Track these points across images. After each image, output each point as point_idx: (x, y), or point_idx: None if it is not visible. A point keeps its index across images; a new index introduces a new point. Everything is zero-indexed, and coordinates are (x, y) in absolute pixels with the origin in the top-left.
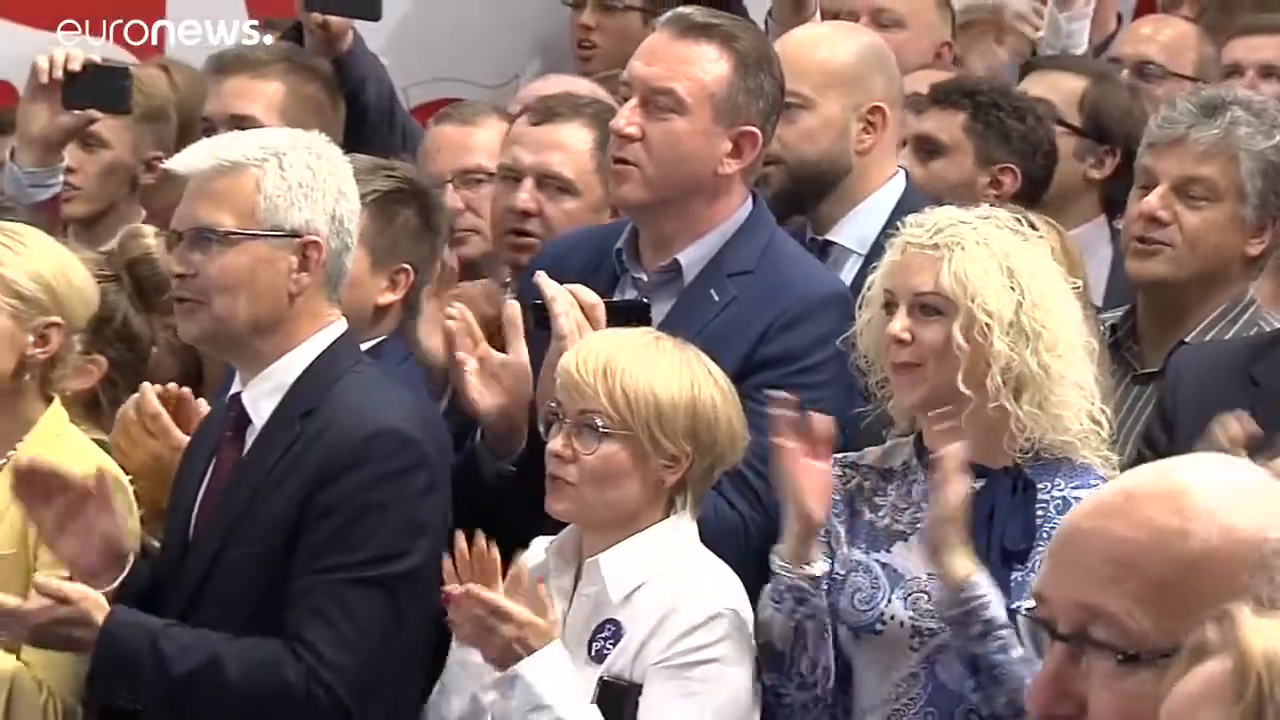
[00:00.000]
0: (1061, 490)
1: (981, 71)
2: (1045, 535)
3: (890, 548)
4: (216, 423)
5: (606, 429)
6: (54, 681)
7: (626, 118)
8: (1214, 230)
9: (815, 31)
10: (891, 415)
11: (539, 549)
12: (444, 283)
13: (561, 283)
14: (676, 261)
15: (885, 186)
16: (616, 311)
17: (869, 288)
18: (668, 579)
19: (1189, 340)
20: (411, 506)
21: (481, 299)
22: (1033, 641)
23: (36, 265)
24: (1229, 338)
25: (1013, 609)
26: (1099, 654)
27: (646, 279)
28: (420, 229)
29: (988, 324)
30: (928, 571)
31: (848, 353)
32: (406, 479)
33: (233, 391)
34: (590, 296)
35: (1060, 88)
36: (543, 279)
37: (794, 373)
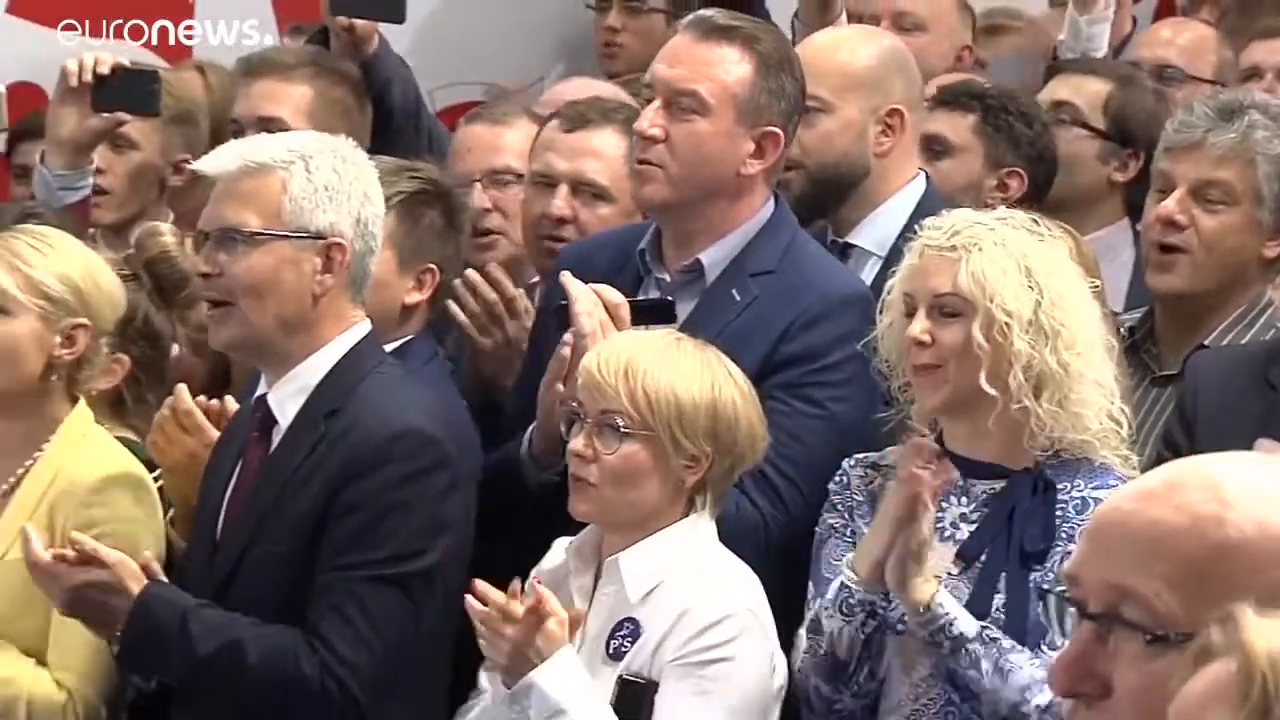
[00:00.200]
0: (1081, 491)
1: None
2: (1064, 536)
3: None
4: (243, 423)
5: (627, 429)
6: (75, 682)
7: (650, 120)
8: (1231, 234)
9: (835, 35)
10: (914, 419)
11: (560, 549)
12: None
13: (586, 283)
14: (699, 261)
15: (905, 189)
16: (641, 311)
17: (888, 292)
18: (685, 578)
19: (1207, 344)
20: (433, 506)
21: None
22: (1060, 623)
23: (64, 267)
24: (1246, 340)
25: (1044, 590)
26: (1128, 634)
27: (669, 279)
28: (445, 229)
29: (1007, 323)
30: (948, 571)
31: (870, 357)
32: (429, 479)
33: (259, 393)
34: (615, 296)
35: (1084, 91)
36: (567, 279)
37: (815, 371)
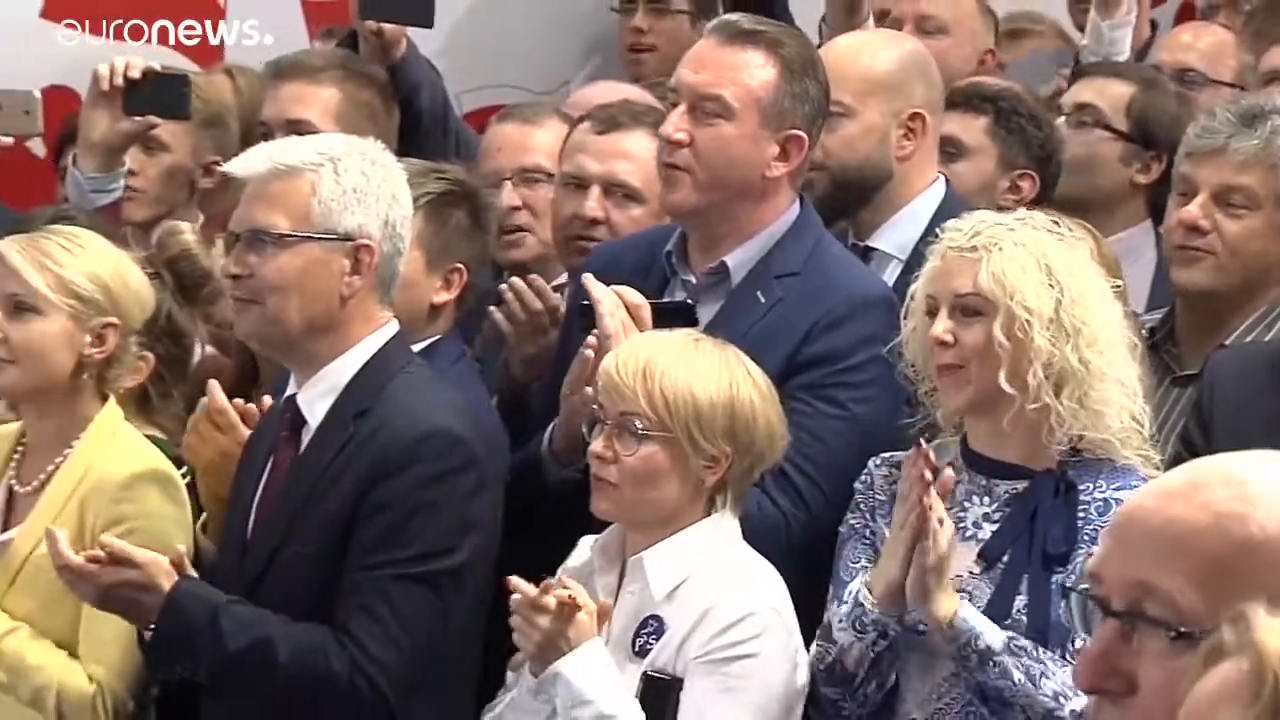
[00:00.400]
0: (1104, 492)
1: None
2: (1087, 538)
3: None
4: (273, 423)
5: (646, 430)
6: (105, 676)
7: (675, 124)
8: (1254, 238)
9: (856, 40)
10: (939, 423)
11: (585, 548)
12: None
13: (613, 284)
14: (724, 264)
15: (926, 192)
16: (662, 313)
17: (912, 296)
18: (709, 576)
19: (1228, 344)
20: (461, 506)
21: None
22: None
23: (94, 266)
24: (1267, 340)
25: (1069, 588)
26: (1152, 631)
27: (695, 281)
28: (471, 228)
29: (1028, 320)
30: (969, 571)
31: (894, 361)
32: (456, 479)
33: (288, 393)
34: (636, 298)
35: (1108, 93)
36: (590, 281)
37: (838, 372)
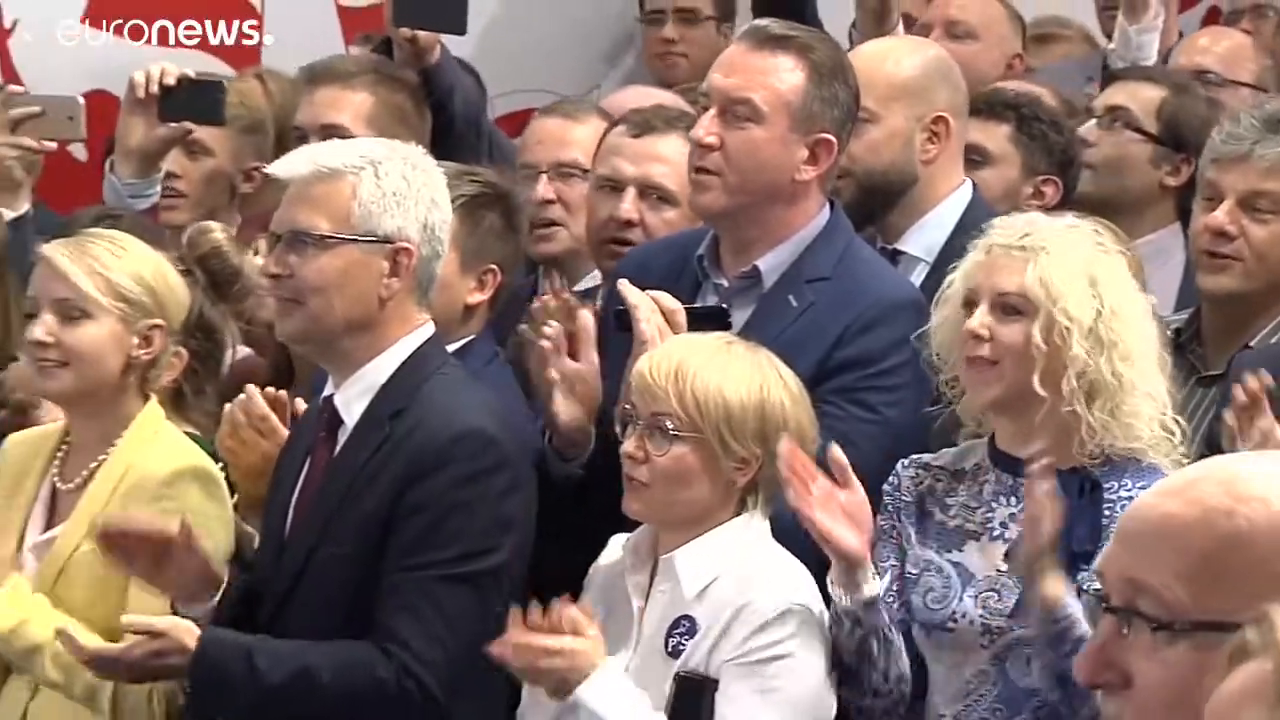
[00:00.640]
0: (1129, 490)
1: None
2: (1111, 536)
3: (962, 547)
4: (310, 424)
5: (677, 431)
6: None
7: (705, 128)
8: None
9: (880, 46)
10: (960, 416)
11: (616, 546)
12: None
13: (645, 288)
14: (756, 268)
15: (952, 196)
16: (696, 317)
17: (948, 285)
18: (740, 575)
19: (1253, 345)
20: (495, 506)
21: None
22: (1092, 619)
23: (139, 269)
24: None
25: (1082, 588)
26: (1142, 626)
27: (727, 285)
28: (505, 229)
29: (1067, 328)
30: (997, 569)
31: (920, 351)
32: (490, 479)
33: (325, 393)
34: (671, 302)
35: (1139, 96)
36: (625, 285)
37: (870, 375)
